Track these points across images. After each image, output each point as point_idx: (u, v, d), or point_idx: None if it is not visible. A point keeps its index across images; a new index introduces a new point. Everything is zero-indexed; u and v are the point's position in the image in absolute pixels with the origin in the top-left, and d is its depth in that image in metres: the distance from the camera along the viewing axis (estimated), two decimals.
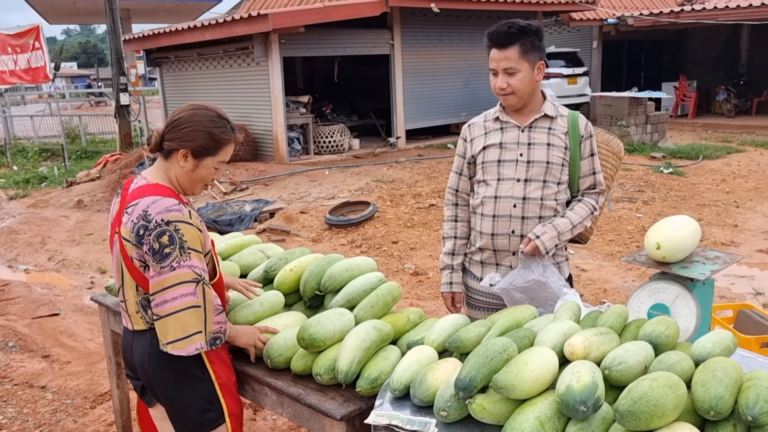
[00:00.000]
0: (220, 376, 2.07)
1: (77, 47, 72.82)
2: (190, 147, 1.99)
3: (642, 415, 1.42)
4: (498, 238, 2.48)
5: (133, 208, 1.95)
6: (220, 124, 2.03)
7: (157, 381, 2.07)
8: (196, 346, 1.94)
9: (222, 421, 2.07)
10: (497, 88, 2.41)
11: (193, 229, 1.94)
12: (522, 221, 2.43)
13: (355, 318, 2.17)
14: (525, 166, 2.43)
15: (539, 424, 1.51)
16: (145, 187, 1.99)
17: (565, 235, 2.39)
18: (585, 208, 2.46)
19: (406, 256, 6.32)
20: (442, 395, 1.69)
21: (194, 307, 1.90)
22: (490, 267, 2.55)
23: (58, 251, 7.30)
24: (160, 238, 1.88)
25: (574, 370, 1.57)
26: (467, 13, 12.77)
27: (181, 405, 2.06)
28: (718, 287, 5.24)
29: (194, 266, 1.91)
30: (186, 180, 2.04)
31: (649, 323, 1.85)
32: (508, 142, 2.47)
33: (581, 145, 2.46)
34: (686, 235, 2.00)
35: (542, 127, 2.46)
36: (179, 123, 2.01)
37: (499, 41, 2.35)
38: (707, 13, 14.77)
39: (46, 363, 4.32)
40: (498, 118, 2.52)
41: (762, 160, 10.65)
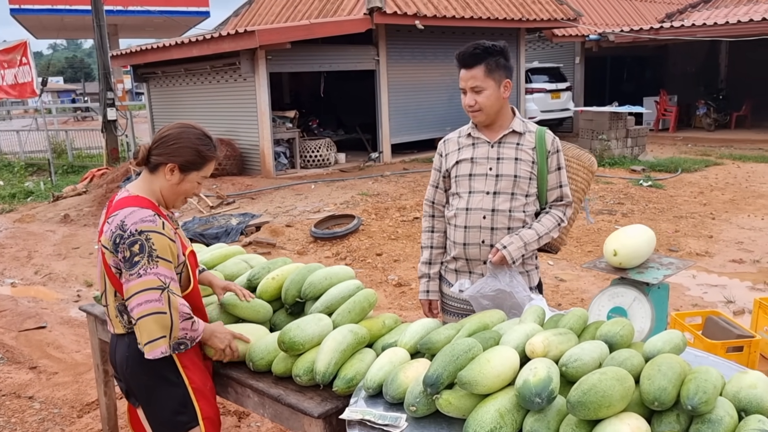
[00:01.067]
0: (194, 381, 2.17)
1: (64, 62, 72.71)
2: (178, 161, 2.12)
3: (591, 405, 1.55)
4: (470, 248, 2.61)
5: (113, 219, 2.07)
6: (206, 142, 2.17)
7: (134, 383, 2.18)
8: (161, 350, 2.03)
9: (195, 424, 2.17)
10: (466, 106, 2.57)
11: (164, 239, 2.05)
12: (492, 232, 2.56)
13: (333, 323, 2.29)
14: (494, 179, 2.57)
15: (499, 416, 1.64)
16: (126, 198, 2.11)
17: (532, 246, 2.52)
18: (552, 220, 2.60)
19: (390, 267, 6.44)
20: (412, 392, 1.81)
21: (159, 313, 2.00)
22: (463, 275, 2.68)
23: (44, 265, 7.34)
24: (132, 246, 2.00)
25: (532, 366, 1.70)
26: (451, 30, 13.00)
27: (155, 407, 2.17)
28: (691, 296, 5.42)
29: (160, 274, 2.01)
30: (170, 193, 2.16)
31: (605, 324, 1.99)
32: (478, 157, 2.61)
33: (548, 160, 2.60)
34: (641, 243, 2.14)
35: (511, 142, 2.60)
36: (168, 139, 2.14)
37: (466, 62, 2.51)
38: (686, 29, 15.14)
39: (33, 374, 4.39)
40: (470, 134, 2.67)
41: (739, 173, 10.91)
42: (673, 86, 18.36)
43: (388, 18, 11.30)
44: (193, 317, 2.13)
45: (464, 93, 2.57)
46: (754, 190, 9.58)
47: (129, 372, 2.17)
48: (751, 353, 3.71)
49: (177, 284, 2.09)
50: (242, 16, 15.01)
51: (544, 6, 14.11)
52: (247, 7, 15.22)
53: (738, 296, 5.29)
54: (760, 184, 9.98)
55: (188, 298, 2.20)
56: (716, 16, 15.84)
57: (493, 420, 1.63)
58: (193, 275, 2.22)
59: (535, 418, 1.64)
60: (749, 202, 8.79)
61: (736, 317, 4.86)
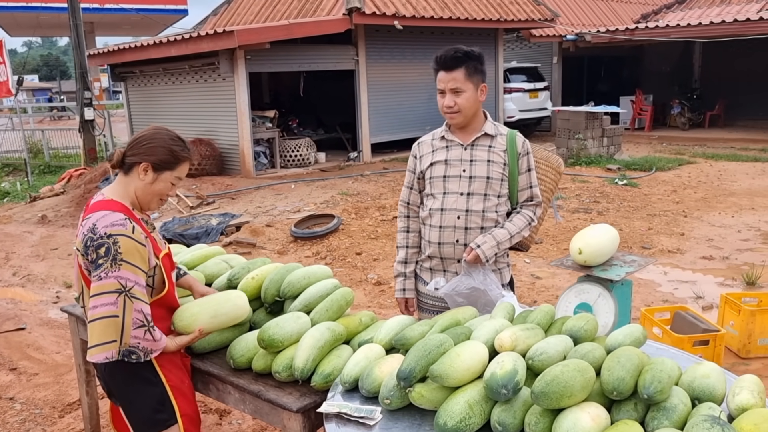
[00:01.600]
0: (171, 380, 2.22)
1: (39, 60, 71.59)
2: (151, 161, 2.17)
3: (553, 395, 1.64)
4: (444, 247, 2.70)
5: (86, 221, 2.11)
6: (178, 143, 2.23)
7: (113, 382, 2.23)
8: (106, 354, 2.03)
9: (174, 422, 2.22)
10: (444, 107, 2.64)
11: (132, 242, 2.07)
12: (465, 231, 2.66)
13: (311, 320, 2.37)
14: (467, 181, 2.66)
15: (468, 407, 1.73)
16: (100, 202, 2.16)
17: (504, 245, 2.62)
18: (523, 219, 2.70)
19: (370, 266, 6.52)
20: (386, 385, 1.89)
21: (111, 317, 2.01)
22: (438, 273, 2.77)
23: (22, 266, 7.30)
24: (98, 249, 2.04)
25: (499, 360, 1.80)
26: (430, 30, 13.12)
27: (134, 406, 2.21)
28: (662, 292, 5.57)
29: (121, 277, 2.03)
30: (144, 193, 2.20)
31: (570, 320, 2.09)
32: (452, 159, 2.70)
33: (519, 162, 2.70)
34: (605, 242, 2.25)
35: (483, 145, 2.69)
36: (142, 139, 2.20)
37: (447, 64, 2.59)
38: (660, 30, 15.41)
39: (13, 375, 4.39)
40: (444, 137, 2.75)
41: (711, 171, 11.16)
42: (648, 86, 18.66)
43: (367, 18, 11.37)
44: (150, 327, 2.10)
45: (442, 95, 2.64)
46: (726, 188, 9.82)
47: (107, 372, 2.20)
48: (716, 347, 3.85)
49: (142, 288, 2.09)
50: (221, 15, 14.98)
51: (521, 6, 14.28)
52: (225, 6, 15.18)
53: (707, 292, 5.45)
54: (731, 182, 10.23)
55: (163, 300, 2.24)
56: (690, 17, 16.14)
57: (462, 411, 1.72)
58: (167, 278, 2.26)
59: (502, 408, 1.74)
60: (720, 200, 9.02)
61: (704, 312, 5.02)
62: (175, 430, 2.23)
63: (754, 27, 13.60)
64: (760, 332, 4.16)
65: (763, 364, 4.13)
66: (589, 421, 1.64)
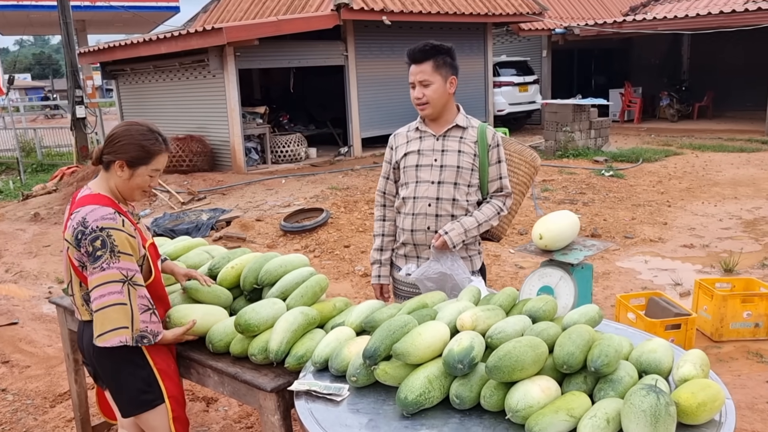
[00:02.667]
0: (158, 363, 2.34)
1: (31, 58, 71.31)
2: (125, 158, 2.26)
3: (505, 369, 1.76)
4: (416, 234, 2.81)
5: (75, 215, 2.22)
6: (150, 137, 2.29)
7: (100, 365, 2.34)
8: (120, 339, 2.18)
9: (161, 402, 2.34)
10: (414, 99, 2.78)
11: (124, 235, 2.20)
12: (436, 219, 2.77)
13: (287, 306, 2.47)
14: (438, 170, 2.77)
15: (428, 382, 1.84)
16: (88, 196, 2.26)
17: (472, 232, 2.73)
18: (492, 209, 2.81)
19: (357, 259, 6.62)
20: (353, 364, 2.00)
21: (120, 304, 2.16)
22: (411, 259, 2.89)
23: (15, 263, 7.39)
24: (94, 242, 2.15)
25: (458, 338, 1.91)
26: (419, 25, 13.19)
27: (122, 387, 2.34)
28: (642, 279, 5.70)
29: (122, 268, 2.17)
30: (124, 188, 2.30)
31: (531, 301, 2.21)
32: (425, 149, 2.82)
33: (489, 153, 2.81)
34: (565, 227, 2.36)
35: (455, 136, 2.81)
36: (114, 138, 2.28)
37: (415, 57, 2.72)
38: (648, 23, 15.52)
39: (5, 368, 4.50)
40: (418, 128, 2.88)
41: (697, 162, 11.30)
42: (638, 78, 18.79)
43: (356, 14, 11.45)
44: (153, 309, 2.27)
45: (413, 87, 2.77)
46: (710, 178, 9.96)
47: (95, 355, 2.32)
48: (687, 330, 3.98)
49: (140, 275, 2.25)
50: (211, 12, 15.02)
51: (509, 0, 14.37)
52: (215, 3, 15.23)
53: (685, 279, 5.57)
54: (716, 172, 10.37)
55: (150, 287, 2.35)
56: (677, 9, 16.24)
57: (422, 385, 1.83)
58: (154, 266, 2.37)
59: (460, 382, 1.85)
60: (704, 190, 9.15)
61: (682, 298, 5.15)
62: (162, 409, 2.35)
63: (740, 18, 13.73)
64: (732, 316, 4.29)
65: (734, 347, 4.25)
66: (539, 392, 1.75)
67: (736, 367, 4.01)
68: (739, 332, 4.33)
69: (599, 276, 5.78)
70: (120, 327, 2.18)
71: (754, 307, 4.30)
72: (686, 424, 1.72)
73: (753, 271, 5.67)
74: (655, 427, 1.56)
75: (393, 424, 1.82)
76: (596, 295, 5.34)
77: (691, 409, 1.68)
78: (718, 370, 3.98)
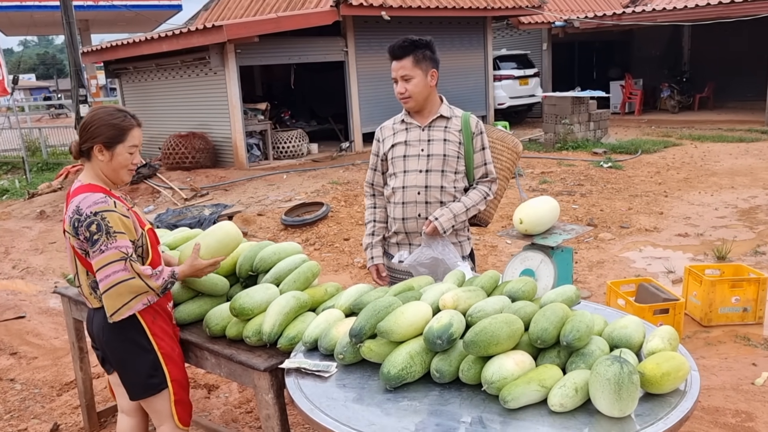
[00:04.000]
0: (163, 347, 2.45)
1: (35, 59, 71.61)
2: (101, 140, 2.35)
3: (481, 344, 1.86)
4: (408, 222, 2.92)
5: (70, 206, 2.33)
6: (118, 116, 2.38)
7: (110, 350, 2.46)
8: (142, 302, 2.34)
9: (166, 386, 2.46)
10: (397, 93, 2.89)
11: (117, 215, 2.30)
12: (426, 206, 2.88)
13: (280, 291, 2.58)
14: (426, 159, 2.88)
15: (409, 357, 1.95)
16: (79, 188, 2.38)
17: (461, 217, 2.84)
18: (478, 194, 2.92)
19: (357, 251, 6.73)
20: (341, 343, 2.11)
21: (128, 280, 2.28)
22: (404, 247, 3.00)
23: (22, 260, 7.53)
24: (90, 227, 2.26)
25: (438, 316, 2.01)
26: (418, 20, 13.26)
27: (130, 371, 2.45)
28: (636, 268, 5.79)
29: (120, 246, 2.27)
30: (109, 170, 2.39)
31: (511, 282, 2.31)
32: (411, 140, 2.93)
33: (473, 141, 2.92)
34: (544, 212, 2.46)
35: (439, 126, 2.92)
36: (85, 125, 2.38)
37: (395, 54, 2.83)
38: (647, 14, 15.55)
39: (14, 359, 4.63)
40: (403, 120, 2.99)
41: (695, 152, 11.35)
42: (638, 70, 18.81)
43: (355, 9, 11.53)
44: (156, 271, 2.38)
45: (396, 82, 2.88)
46: (708, 168, 10.02)
47: (105, 340, 2.44)
48: (676, 315, 4.08)
49: (135, 255, 2.35)
50: (212, 10, 15.13)
51: None
52: (216, 1, 15.33)
53: (678, 267, 5.65)
54: (714, 162, 10.43)
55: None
56: (677, 0, 16.26)
57: (404, 360, 1.94)
58: (153, 249, 2.48)
59: (440, 358, 1.96)
60: (702, 180, 9.22)
61: (674, 286, 5.24)
62: (165, 394, 2.47)
63: (739, 8, 13.75)
64: (721, 301, 4.38)
65: (723, 331, 4.35)
66: (513, 365, 1.86)
67: (723, 350, 4.11)
68: (727, 317, 4.42)
69: (594, 264, 5.87)
70: (138, 294, 2.32)
71: (742, 293, 4.39)
72: (652, 393, 1.82)
73: (745, 259, 5.75)
74: (618, 395, 1.66)
75: (377, 397, 1.93)
76: (590, 282, 5.44)
77: (655, 379, 1.79)
78: (706, 353, 4.08)
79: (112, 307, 2.30)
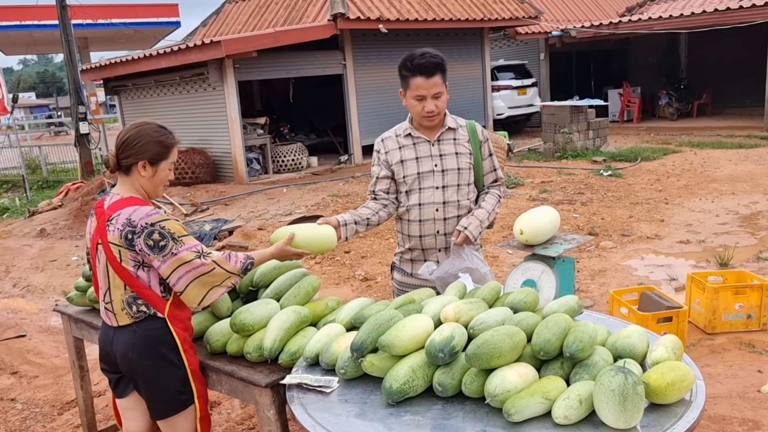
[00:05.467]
0: (192, 363, 2.41)
1: (35, 77, 71.97)
2: (147, 157, 2.34)
3: (484, 356, 1.85)
4: (425, 239, 2.87)
5: (116, 218, 2.29)
6: (163, 132, 2.39)
7: (139, 369, 2.37)
8: (228, 285, 2.36)
9: (192, 402, 2.42)
10: (426, 112, 2.72)
11: (175, 222, 2.31)
12: (444, 222, 2.85)
13: (280, 306, 2.57)
14: (441, 175, 2.83)
15: (411, 371, 1.93)
16: (122, 200, 2.34)
17: (485, 223, 2.83)
18: (494, 198, 2.91)
19: (357, 263, 6.72)
20: (342, 357, 2.10)
21: (210, 271, 2.28)
22: (419, 263, 2.93)
23: (22, 278, 7.51)
24: (151, 236, 2.24)
25: (440, 329, 2.00)
26: (415, 32, 13.33)
27: (160, 389, 2.38)
28: (638, 276, 5.77)
29: (190, 247, 2.28)
30: (150, 186, 2.39)
31: (513, 293, 2.29)
32: (422, 156, 2.85)
33: (481, 148, 2.90)
34: (544, 222, 2.45)
35: (448, 138, 2.86)
36: (130, 140, 2.35)
37: (427, 70, 2.67)
38: (644, 23, 15.62)
39: (14, 379, 4.61)
40: (410, 134, 2.87)
41: (695, 159, 11.35)
42: (636, 78, 18.87)
43: (352, 23, 11.59)
44: (232, 252, 2.39)
45: (420, 100, 2.72)
46: (708, 175, 10.02)
47: (134, 359, 2.35)
48: (679, 323, 4.05)
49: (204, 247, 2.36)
50: (210, 26, 15.22)
51: (505, 5, 14.50)
52: (214, 17, 15.42)
53: (681, 274, 5.64)
54: (714, 169, 10.43)
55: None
56: (673, 8, 16.35)
57: (406, 374, 1.92)
58: None
59: (442, 371, 1.94)
60: (702, 187, 9.21)
61: (677, 293, 5.22)
62: (191, 410, 2.43)
63: (734, 16, 13.81)
64: (724, 308, 4.36)
65: (727, 339, 4.32)
66: (517, 377, 1.84)
67: (728, 357, 4.08)
68: (732, 324, 4.39)
69: (596, 273, 5.85)
70: (223, 281, 2.32)
71: (746, 299, 4.37)
72: (657, 403, 1.80)
73: (748, 265, 5.73)
74: (623, 406, 1.64)
75: (379, 412, 1.91)
76: (593, 291, 5.42)
77: (660, 389, 1.76)
78: (711, 361, 4.05)
79: (198, 296, 2.30)
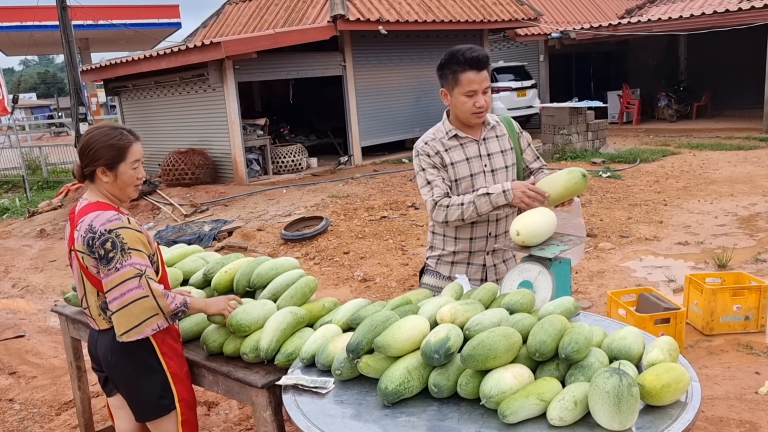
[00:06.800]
0: (171, 367, 2.41)
1: (36, 78, 72.02)
2: (102, 163, 2.32)
3: (479, 357, 1.85)
4: (476, 242, 2.80)
5: (80, 225, 2.31)
6: (114, 134, 2.34)
7: (118, 372, 2.41)
8: (152, 327, 2.27)
9: (174, 407, 2.42)
10: (476, 107, 2.61)
11: (132, 232, 2.29)
12: (497, 224, 2.81)
13: (277, 307, 2.57)
14: (491, 174, 2.76)
15: (407, 372, 1.93)
16: (88, 205, 2.36)
17: None
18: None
19: (356, 264, 6.72)
20: (338, 358, 2.10)
21: (142, 298, 2.24)
22: (460, 266, 2.84)
23: (21, 278, 7.52)
24: (104, 245, 2.24)
25: (436, 330, 2.00)
26: (416, 34, 13.35)
27: (140, 393, 2.40)
28: (636, 277, 5.77)
29: (135, 263, 2.24)
30: (115, 189, 2.38)
31: (509, 295, 2.30)
32: (471, 156, 2.76)
33: (520, 141, 2.89)
34: (541, 223, 2.44)
35: (492, 137, 2.81)
36: (83, 149, 2.34)
37: (479, 64, 2.58)
38: (643, 25, 15.63)
39: (13, 379, 4.61)
40: (457, 135, 2.74)
41: (694, 161, 11.36)
42: (636, 79, 18.88)
43: (352, 24, 11.60)
44: (169, 293, 2.34)
45: (471, 95, 2.61)
46: (707, 176, 10.02)
47: (113, 362, 2.38)
48: (677, 324, 4.06)
49: (152, 270, 2.31)
50: (210, 27, 15.23)
51: (504, 7, 14.51)
52: (215, 18, 15.44)
53: (679, 275, 5.64)
54: (713, 170, 10.43)
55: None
56: (672, 10, 16.35)
57: (401, 375, 1.92)
58: (162, 265, 2.47)
59: (437, 372, 1.94)
60: (701, 188, 9.22)
61: (675, 294, 5.22)
62: (173, 415, 2.43)
63: (734, 18, 13.82)
64: (722, 310, 4.36)
65: (725, 340, 4.32)
66: (512, 379, 1.84)
67: (726, 359, 4.08)
68: (729, 325, 4.40)
69: (594, 274, 5.86)
70: (150, 316, 2.26)
71: (743, 301, 4.37)
72: (653, 405, 1.81)
73: (746, 266, 5.73)
74: (618, 407, 1.65)
75: (375, 413, 1.91)
76: (591, 293, 5.42)
77: (655, 391, 1.77)
78: (708, 362, 4.05)
79: (123, 326, 2.26)
